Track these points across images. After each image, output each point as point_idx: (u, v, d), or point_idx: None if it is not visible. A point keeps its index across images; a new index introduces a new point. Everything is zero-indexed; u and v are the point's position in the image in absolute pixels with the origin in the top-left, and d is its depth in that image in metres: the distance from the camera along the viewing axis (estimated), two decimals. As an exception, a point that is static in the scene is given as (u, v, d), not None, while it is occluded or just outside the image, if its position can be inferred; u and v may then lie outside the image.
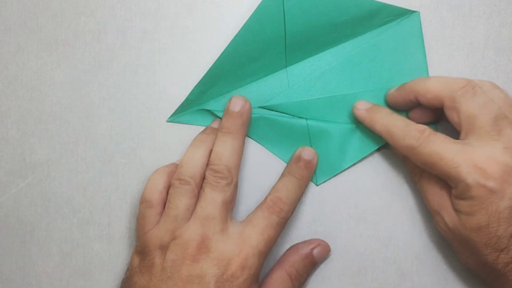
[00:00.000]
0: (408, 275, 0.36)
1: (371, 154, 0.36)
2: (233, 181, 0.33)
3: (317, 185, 0.36)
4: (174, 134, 0.37)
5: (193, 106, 0.37)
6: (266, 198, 0.34)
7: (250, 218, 0.33)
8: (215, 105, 0.37)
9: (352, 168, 0.36)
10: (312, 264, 0.35)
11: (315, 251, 0.35)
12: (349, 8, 0.36)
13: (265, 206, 0.33)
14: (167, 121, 0.37)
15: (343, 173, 0.36)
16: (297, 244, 0.35)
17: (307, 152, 0.35)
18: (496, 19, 0.37)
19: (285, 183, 0.34)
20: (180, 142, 0.37)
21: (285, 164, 0.36)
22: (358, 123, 0.36)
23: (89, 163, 0.37)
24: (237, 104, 0.34)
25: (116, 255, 0.37)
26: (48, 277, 0.37)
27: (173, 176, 0.34)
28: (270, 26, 0.36)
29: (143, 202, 0.34)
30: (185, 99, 0.37)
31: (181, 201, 0.32)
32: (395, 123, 0.33)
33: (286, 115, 0.37)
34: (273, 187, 0.34)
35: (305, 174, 0.35)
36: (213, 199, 0.32)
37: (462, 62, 0.37)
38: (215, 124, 0.36)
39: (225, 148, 0.33)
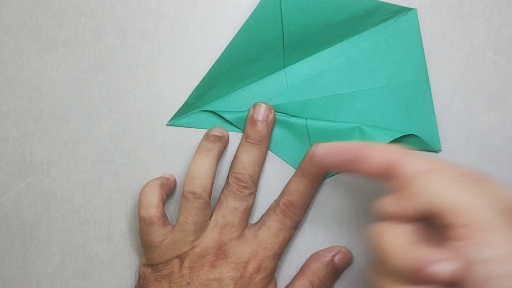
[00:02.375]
0: (408, 275, 0.36)
1: (371, 154, 0.36)
2: (255, 191, 0.34)
3: (317, 185, 0.36)
4: (174, 134, 0.37)
5: (192, 109, 0.37)
6: (278, 200, 0.34)
7: (264, 220, 0.34)
8: (214, 107, 0.37)
9: (352, 168, 0.36)
10: (334, 271, 0.35)
11: (337, 258, 0.35)
12: (346, 7, 0.36)
13: (279, 209, 0.33)
14: (167, 125, 0.37)
15: (343, 173, 0.36)
16: (318, 251, 0.35)
17: (320, 150, 0.33)
18: (496, 19, 0.37)
19: (297, 186, 0.34)
20: (180, 142, 0.37)
21: (285, 164, 0.36)
22: (358, 123, 0.36)
23: (89, 163, 0.37)
24: (260, 113, 0.35)
25: (116, 255, 0.37)
26: (48, 277, 0.37)
27: (165, 188, 0.35)
28: (267, 27, 0.36)
29: (143, 220, 0.33)
30: (184, 103, 0.37)
31: (197, 215, 0.33)
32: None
33: (286, 115, 0.37)
34: (286, 187, 0.34)
35: (318, 173, 0.34)
36: (235, 207, 0.33)
37: (462, 62, 0.37)
38: (217, 132, 0.35)
39: (250, 158, 0.34)
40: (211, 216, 0.34)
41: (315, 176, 0.34)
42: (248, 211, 0.34)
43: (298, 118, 0.36)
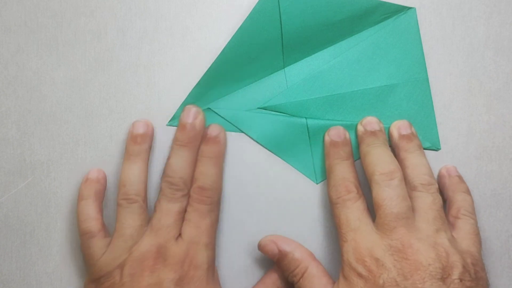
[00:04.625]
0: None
1: (371, 154, 0.36)
2: (187, 192, 0.34)
3: (317, 183, 0.36)
4: (173, 133, 0.37)
5: (192, 108, 0.37)
6: (190, 191, 0.34)
7: (185, 217, 0.34)
8: (214, 107, 0.37)
9: (352, 168, 0.36)
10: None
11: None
12: (345, 6, 0.36)
13: (191, 200, 0.34)
14: (167, 125, 0.37)
15: (343, 173, 0.36)
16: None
17: (212, 129, 0.35)
18: (496, 19, 0.37)
19: (200, 169, 0.34)
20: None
21: (286, 164, 0.36)
22: (357, 122, 0.36)
23: (89, 163, 0.37)
24: (189, 116, 0.35)
25: (116, 255, 0.37)
26: (48, 277, 0.37)
27: (99, 196, 0.35)
28: (266, 27, 0.36)
29: (84, 234, 0.34)
30: (183, 102, 0.37)
31: (133, 219, 0.33)
32: (341, 166, 0.34)
33: (286, 115, 0.37)
34: (193, 176, 0.34)
35: (216, 150, 0.35)
36: (168, 209, 0.33)
37: (462, 62, 0.37)
38: (140, 129, 0.35)
39: (180, 160, 0.34)
40: (148, 222, 0.34)
41: (214, 153, 0.35)
42: (182, 213, 0.33)
43: (298, 118, 0.36)
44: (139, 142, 0.35)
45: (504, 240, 0.36)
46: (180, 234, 0.33)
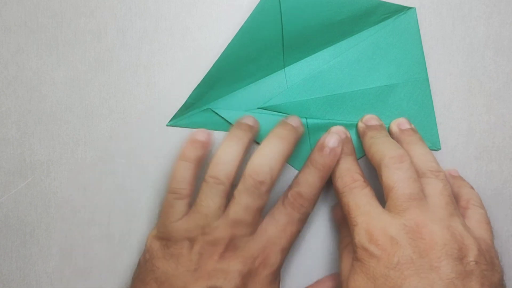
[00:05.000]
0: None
1: (371, 154, 0.36)
2: (271, 188, 0.32)
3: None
4: (174, 134, 0.37)
5: (192, 109, 0.37)
6: (287, 192, 0.34)
7: (272, 213, 0.33)
8: (214, 107, 0.37)
9: (352, 168, 0.36)
10: None
11: None
12: (345, 6, 0.36)
13: (287, 202, 0.33)
14: (167, 125, 0.37)
15: (343, 173, 0.36)
16: (335, 273, 0.36)
17: (331, 139, 0.34)
18: (496, 19, 0.37)
19: (306, 177, 0.34)
20: (180, 142, 0.37)
21: (285, 164, 0.36)
22: (358, 122, 0.36)
23: (89, 163, 0.37)
24: (293, 120, 0.34)
25: (116, 255, 0.37)
26: (48, 277, 0.37)
27: (200, 161, 0.34)
28: (267, 27, 0.36)
29: (173, 192, 0.33)
30: (184, 103, 0.37)
31: (213, 201, 0.32)
32: (345, 160, 0.34)
33: (286, 114, 0.37)
34: (295, 179, 0.34)
35: (327, 164, 0.34)
36: (248, 205, 0.32)
37: (462, 62, 0.37)
38: (249, 121, 0.35)
39: (273, 153, 0.32)
40: (225, 206, 0.33)
41: (324, 167, 0.34)
42: (262, 209, 0.33)
43: (297, 118, 0.36)
44: (244, 129, 0.34)
45: (504, 240, 0.36)
46: (255, 230, 0.32)
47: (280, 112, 0.37)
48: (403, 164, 0.31)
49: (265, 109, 0.37)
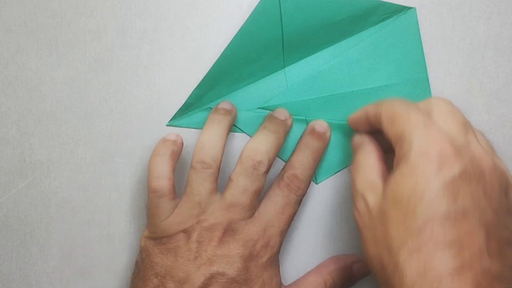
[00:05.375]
0: (408, 275, 0.36)
1: (371, 154, 0.36)
2: (268, 172, 0.32)
3: (316, 183, 0.36)
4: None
5: (192, 109, 0.37)
6: (282, 174, 0.34)
7: (269, 196, 0.33)
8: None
9: (352, 168, 0.36)
10: (349, 277, 0.35)
11: (355, 266, 0.35)
12: (345, 6, 0.36)
13: (283, 184, 0.33)
14: (167, 125, 0.37)
15: (343, 172, 0.36)
16: (339, 255, 0.36)
17: (320, 124, 0.35)
18: (496, 19, 0.37)
19: (300, 158, 0.34)
20: (180, 142, 0.37)
21: (285, 163, 0.36)
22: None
23: (89, 163, 0.37)
24: (281, 114, 0.35)
25: (116, 255, 0.37)
26: (48, 277, 0.37)
27: (175, 157, 0.34)
28: (267, 27, 0.36)
29: (154, 192, 0.33)
30: (184, 103, 0.37)
31: (203, 186, 0.32)
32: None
33: (286, 115, 0.37)
34: (288, 161, 0.34)
35: (319, 146, 0.35)
36: (245, 187, 0.32)
37: (462, 62, 0.37)
38: (226, 105, 0.35)
39: (268, 139, 0.33)
40: (217, 190, 0.33)
41: (317, 149, 0.34)
42: (259, 192, 0.32)
43: (298, 118, 0.36)
44: (222, 113, 0.34)
45: (504, 240, 0.36)
46: (253, 214, 0.32)
47: (280, 112, 0.37)
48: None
49: (265, 109, 0.37)
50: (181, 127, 0.37)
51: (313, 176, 0.35)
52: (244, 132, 0.37)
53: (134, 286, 0.32)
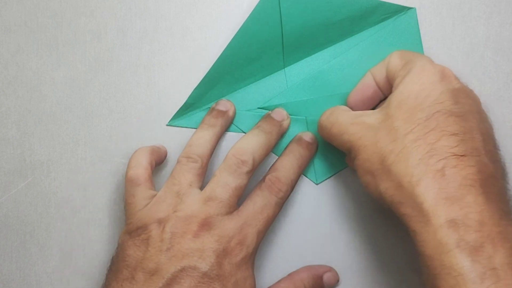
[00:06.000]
0: (408, 275, 0.36)
1: (371, 154, 0.36)
2: (252, 172, 0.33)
3: (316, 184, 0.36)
4: (174, 134, 0.37)
5: (192, 109, 0.37)
6: (265, 176, 0.34)
7: (250, 196, 0.33)
8: (214, 106, 0.37)
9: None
10: (320, 286, 0.35)
11: (326, 276, 0.35)
12: (345, 6, 0.36)
13: (264, 185, 0.33)
14: (167, 125, 0.37)
15: (343, 173, 0.36)
16: (311, 265, 0.36)
17: (308, 135, 0.36)
18: (496, 19, 0.37)
19: (284, 163, 0.34)
20: (180, 142, 0.37)
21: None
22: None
23: (89, 163, 0.37)
24: (278, 115, 0.35)
25: (116, 255, 0.37)
26: (48, 277, 0.37)
27: (155, 154, 0.35)
28: (267, 27, 0.36)
29: (130, 180, 0.33)
30: (184, 103, 0.37)
31: (185, 176, 0.32)
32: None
33: (286, 115, 0.37)
34: (272, 165, 0.34)
35: (305, 154, 0.35)
36: (226, 183, 0.32)
37: (462, 62, 0.37)
38: (222, 106, 0.36)
39: (256, 141, 0.33)
40: (199, 184, 0.33)
41: (302, 156, 0.35)
42: (240, 190, 0.32)
43: (298, 118, 0.36)
44: (215, 116, 0.35)
45: (504, 240, 0.36)
46: (231, 212, 0.32)
47: (280, 112, 0.37)
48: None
49: (265, 109, 0.37)
50: (181, 127, 0.37)
51: (296, 181, 0.35)
52: (244, 132, 0.37)
53: (107, 281, 0.32)
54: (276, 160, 0.35)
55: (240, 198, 0.33)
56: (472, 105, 0.29)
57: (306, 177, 0.36)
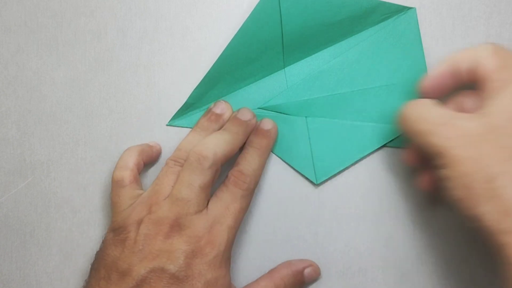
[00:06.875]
0: (408, 275, 0.36)
1: (371, 153, 0.36)
2: (215, 167, 0.32)
3: (316, 184, 0.36)
4: (174, 134, 0.37)
5: (192, 109, 0.37)
6: (228, 173, 0.34)
7: (215, 194, 0.33)
8: (214, 106, 0.37)
9: (352, 167, 0.36)
10: (301, 282, 0.35)
11: (306, 271, 0.35)
12: (345, 6, 0.36)
13: (228, 181, 0.33)
14: (167, 125, 0.37)
15: (343, 173, 0.36)
16: (290, 260, 0.36)
17: (265, 123, 0.36)
18: (496, 19, 0.37)
19: (244, 156, 0.35)
20: (179, 142, 0.37)
21: (285, 164, 0.36)
22: (358, 122, 0.36)
23: (89, 163, 0.37)
24: (244, 115, 0.35)
25: (116, 255, 0.37)
26: (48, 277, 0.37)
27: (144, 154, 0.35)
28: (267, 27, 0.36)
29: (115, 182, 0.34)
30: (184, 103, 0.37)
31: (168, 178, 0.33)
32: None
33: (286, 114, 0.37)
34: (235, 161, 0.35)
35: (264, 143, 0.35)
36: (190, 182, 0.32)
37: (462, 62, 0.37)
38: (217, 109, 0.36)
39: (218, 139, 0.33)
40: None
41: (261, 146, 0.35)
42: (206, 187, 0.32)
43: (298, 118, 0.36)
44: (209, 120, 0.35)
45: (504, 240, 0.36)
46: (201, 210, 0.32)
47: (280, 112, 0.37)
48: None
49: (265, 109, 0.37)
50: (181, 127, 0.37)
51: (261, 171, 0.35)
52: (244, 132, 0.37)
53: (89, 278, 0.33)
54: (238, 156, 0.35)
55: (208, 194, 0.33)
56: None
57: (306, 177, 0.36)
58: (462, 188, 0.27)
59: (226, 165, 0.34)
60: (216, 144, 0.33)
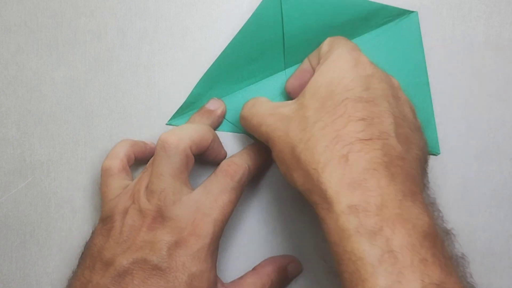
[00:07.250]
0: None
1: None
2: (183, 152, 0.31)
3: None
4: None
5: (192, 108, 0.37)
6: (221, 163, 0.33)
7: (203, 184, 0.32)
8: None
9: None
10: (285, 278, 0.35)
11: (290, 266, 0.35)
12: (347, 9, 0.36)
13: (219, 170, 0.33)
14: (167, 124, 0.37)
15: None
16: (274, 256, 0.36)
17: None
18: (496, 19, 0.37)
19: (240, 151, 0.35)
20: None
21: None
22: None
23: (89, 163, 0.37)
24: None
25: (116, 255, 0.37)
26: (48, 277, 0.37)
27: (136, 147, 0.35)
28: (268, 28, 0.36)
29: (104, 170, 0.34)
30: (184, 102, 0.37)
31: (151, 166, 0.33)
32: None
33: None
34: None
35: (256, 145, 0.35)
36: (159, 172, 0.31)
37: (462, 62, 0.37)
38: (210, 105, 0.36)
39: (184, 127, 0.33)
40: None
41: (254, 148, 0.35)
42: (178, 174, 0.31)
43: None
44: (201, 115, 0.36)
45: (504, 240, 0.36)
46: (180, 198, 0.31)
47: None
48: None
49: (265, 109, 0.37)
50: (181, 126, 0.37)
51: (255, 172, 0.34)
52: (243, 133, 0.37)
53: (77, 267, 0.32)
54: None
55: (184, 181, 0.32)
56: (386, 89, 0.29)
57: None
58: (281, 164, 0.30)
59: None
60: (181, 130, 0.32)
